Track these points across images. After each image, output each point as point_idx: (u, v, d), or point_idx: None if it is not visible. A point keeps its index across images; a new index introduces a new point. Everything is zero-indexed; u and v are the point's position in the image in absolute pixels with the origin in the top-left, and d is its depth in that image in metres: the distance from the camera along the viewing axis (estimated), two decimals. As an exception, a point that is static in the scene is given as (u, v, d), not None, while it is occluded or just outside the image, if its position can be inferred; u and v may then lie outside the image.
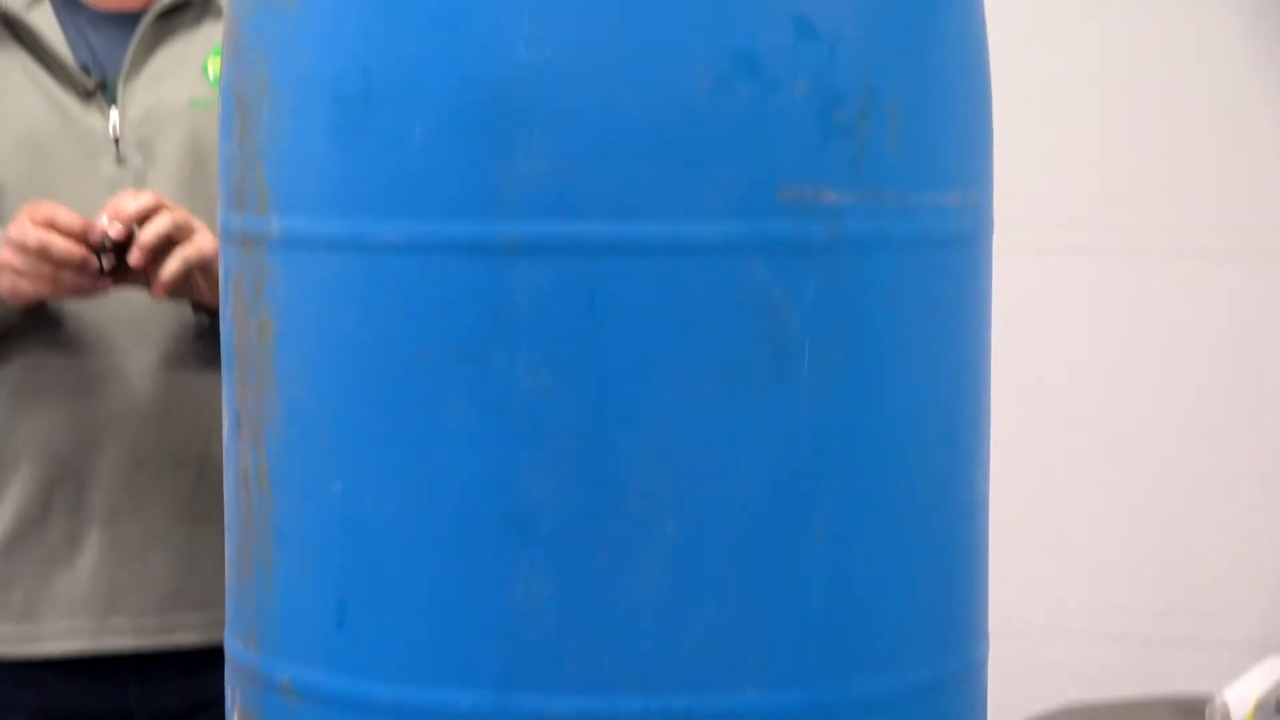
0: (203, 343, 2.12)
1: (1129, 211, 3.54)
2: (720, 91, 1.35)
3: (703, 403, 1.36)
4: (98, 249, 2.00)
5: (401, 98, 1.36)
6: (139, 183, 2.14)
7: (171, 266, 2.00)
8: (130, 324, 2.13)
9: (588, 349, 1.35)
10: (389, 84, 1.37)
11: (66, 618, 2.14)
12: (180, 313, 2.12)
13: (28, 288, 2.02)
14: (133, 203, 2.01)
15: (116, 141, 2.14)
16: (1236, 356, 3.50)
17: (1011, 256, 3.35)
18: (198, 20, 2.19)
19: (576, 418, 1.35)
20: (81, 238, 1.99)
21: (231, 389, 1.50)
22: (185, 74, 2.18)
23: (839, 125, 1.37)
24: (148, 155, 2.15)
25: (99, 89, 2.15)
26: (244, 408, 1.47)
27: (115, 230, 1.99)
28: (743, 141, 1.35)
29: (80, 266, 1.99)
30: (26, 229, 1.99)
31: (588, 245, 1.35)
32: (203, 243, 2.02)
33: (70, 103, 2.14)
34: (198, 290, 2.05)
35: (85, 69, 2.15)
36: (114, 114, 2.14)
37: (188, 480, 2.14)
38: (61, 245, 1.98)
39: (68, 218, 1.99)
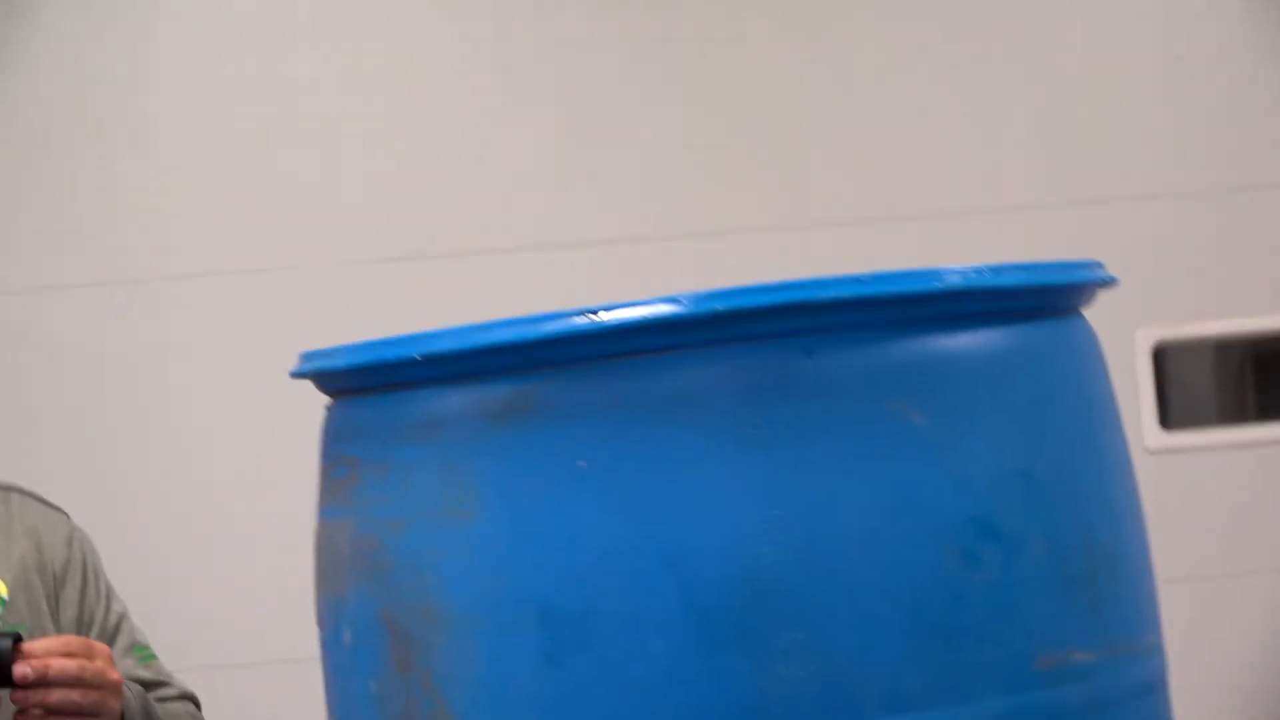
0: None
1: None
2: (967, 562, 1.26)
3: None
4: None
5: (631, 610, 1.24)
6: None
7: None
8: None
9: None
10: (612, 597, 1.25)
11: None
12: None
13: None
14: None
15: None
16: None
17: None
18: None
19: None
20: None
21: None
22: None
23: (1074, 578, 1.30)
24: None
25: None
26: None
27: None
28: (996, 610, 1.27)
29: None
30: None
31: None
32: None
33: None
34: None
35: None
36: None
37: None
38: None
39: None
